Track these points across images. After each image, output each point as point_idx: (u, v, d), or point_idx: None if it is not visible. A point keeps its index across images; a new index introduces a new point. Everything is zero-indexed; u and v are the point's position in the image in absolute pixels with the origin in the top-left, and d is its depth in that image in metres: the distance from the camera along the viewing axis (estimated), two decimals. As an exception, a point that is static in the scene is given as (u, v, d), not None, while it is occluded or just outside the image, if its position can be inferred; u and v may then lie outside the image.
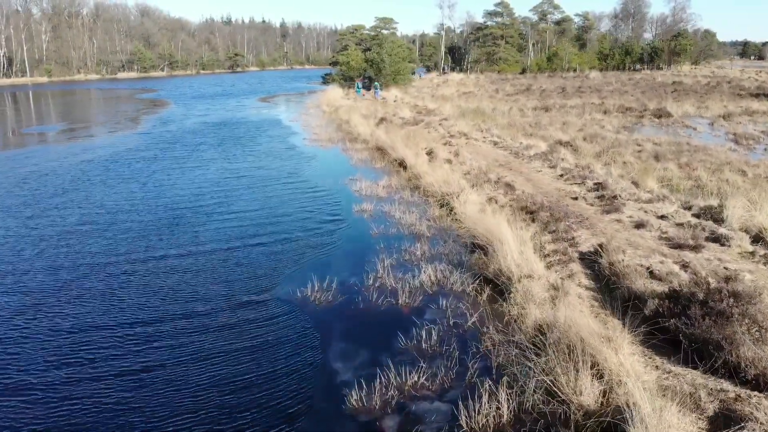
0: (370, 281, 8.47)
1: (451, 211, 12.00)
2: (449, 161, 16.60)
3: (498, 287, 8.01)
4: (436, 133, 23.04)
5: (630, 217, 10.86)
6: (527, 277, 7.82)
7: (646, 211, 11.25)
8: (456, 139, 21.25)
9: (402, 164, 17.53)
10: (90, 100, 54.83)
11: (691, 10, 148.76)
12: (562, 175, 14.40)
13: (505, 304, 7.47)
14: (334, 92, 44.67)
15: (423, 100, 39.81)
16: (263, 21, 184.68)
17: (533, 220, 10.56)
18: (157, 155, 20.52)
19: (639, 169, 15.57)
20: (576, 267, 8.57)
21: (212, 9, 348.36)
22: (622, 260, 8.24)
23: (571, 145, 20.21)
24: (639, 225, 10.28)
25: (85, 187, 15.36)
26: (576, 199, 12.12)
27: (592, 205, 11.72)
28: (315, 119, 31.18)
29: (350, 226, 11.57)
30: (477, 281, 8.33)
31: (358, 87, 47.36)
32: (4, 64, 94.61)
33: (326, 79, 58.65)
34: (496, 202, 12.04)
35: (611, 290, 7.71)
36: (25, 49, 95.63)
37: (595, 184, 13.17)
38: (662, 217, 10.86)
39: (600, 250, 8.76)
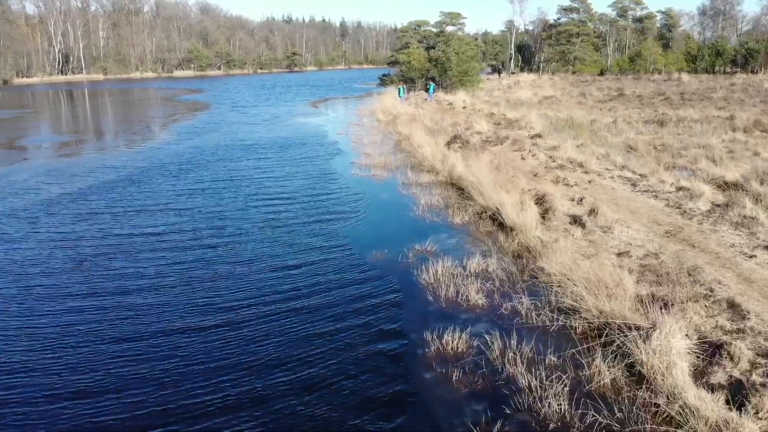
0: None
1: (646, 383, 5.61)
2: (580, 223, 10.12)
3: None
4: (533, 160, 16.54)
5: None
6: None
7: None
8: (568, 172, 14.68)
9: (496, 219, 11.23)
10: (129, 102, 50.96)
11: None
12: (815, 274, 7.72)
13: None
14: (392, 96, 38.56)
15: (498, 107, 33.14)
16: (323, 20, 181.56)
17: None
18: (132, 192, 15.01)
19: None
20: None
21: (273, 8, 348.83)
22: None
23: (745, 190, 13.38)
24: None
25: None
26: None
27: None
28: (368, 132, 25.15)
29: None
30: None
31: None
32: (60, 61, 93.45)
33: (384, 81, 52.57)
34: (733, 360, 5.58)
35: None
36: (81, 46, 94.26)
37: None
38: None
39: None
